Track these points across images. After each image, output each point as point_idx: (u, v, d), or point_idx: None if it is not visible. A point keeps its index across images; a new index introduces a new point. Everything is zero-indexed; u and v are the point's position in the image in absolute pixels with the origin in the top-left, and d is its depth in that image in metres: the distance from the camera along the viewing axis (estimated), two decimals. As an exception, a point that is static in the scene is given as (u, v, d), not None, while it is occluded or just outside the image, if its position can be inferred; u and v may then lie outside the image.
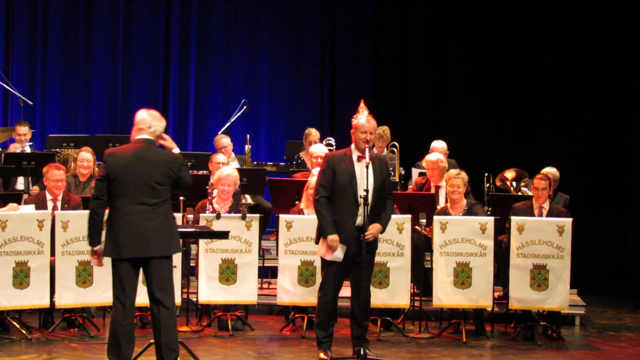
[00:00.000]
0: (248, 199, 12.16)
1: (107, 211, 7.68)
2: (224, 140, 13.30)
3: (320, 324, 8.86)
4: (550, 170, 11.61)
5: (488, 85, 15.31)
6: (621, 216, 14.06)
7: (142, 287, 7.86)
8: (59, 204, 10.33)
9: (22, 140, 13.10)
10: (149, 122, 7.78)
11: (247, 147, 13.69)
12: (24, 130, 13.13)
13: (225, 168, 10.94)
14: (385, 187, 8.80)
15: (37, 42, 16.35)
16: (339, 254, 8.62)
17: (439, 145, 12.69)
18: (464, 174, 10.65)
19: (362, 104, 8.94)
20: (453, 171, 10.72)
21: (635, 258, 13.82)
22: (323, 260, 8.84)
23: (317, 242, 8.85)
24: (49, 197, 10.39)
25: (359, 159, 8.70)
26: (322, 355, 8.77)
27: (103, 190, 7.61)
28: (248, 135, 13.99)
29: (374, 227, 8.68)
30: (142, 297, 8.02)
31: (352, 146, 8.82)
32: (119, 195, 7.57)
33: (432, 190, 11.48)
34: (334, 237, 8.60)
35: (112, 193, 7.60)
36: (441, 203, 11.22)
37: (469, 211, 10.52)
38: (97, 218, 7.63)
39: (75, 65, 16.49)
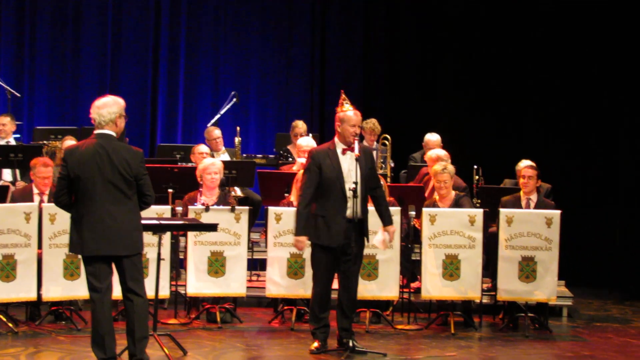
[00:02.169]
0: (237, 192, 12.15)
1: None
2: (216, 132, 13.31)
3: (311, 316, 8.96)
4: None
5: (478, 77, 15.32)
6: (608, 208, 14.08)
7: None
8: (45, 197, 10.29)
9: (2, 131, 13.01)
10: (93, 115, 7.64)
11: (237, 140, 13.68)
12: (4, 120, 13.06)
13: (207, 159, 10.97)
14: (372, 176, 8.81)
15: (24, 34, 16.26)
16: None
17: (434, 138, 12.68)
18: (450, 167, 10.64)
19: (343, 95, 8.90)
20: (439, 166, 10.69)
21: (622, 249, 13.84)
22: (312, 253, 8.86)
23: (296, 234, 8.83)
24: (35, 190, 10.35)
25: (344, 151, 8.70)
26: (314, 344, 8.84)
27: (64, 189, 7.55)
28: (238, 128, 13.97)
29: (391, 230, 8.89)
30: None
31: (336, 139, 8.81)
32: (82, 193, 7.48)
33: (431, 184, 11.45)
34: (301, 239, 8.76)
35: (76, 191, 7.51)
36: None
37: (456, 203, 10.53)
38: (68, 208, 7.62)
39: (64, 57, 16.42)
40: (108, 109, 7.62)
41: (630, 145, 14.11)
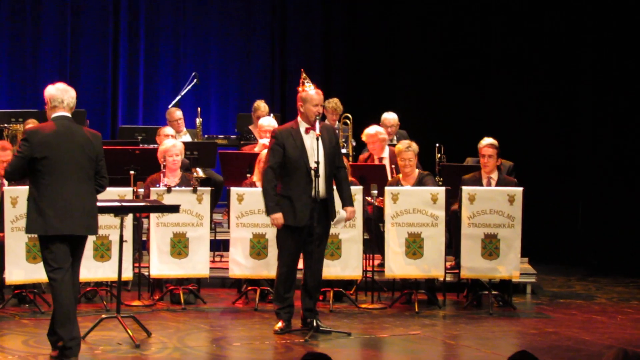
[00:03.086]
0: (199, 173, 12.12)
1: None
2: (177, 113, 13.25)
3: (275, 295, 8.96)
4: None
5: (439, 55, 15.34)
6: (571, 184, 14.15)
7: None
8: (6, 181, 10.18)
9: None
10: (59, 97, 7.63)
11: (198, 121, 13.61)
12: None
13: (168, 140, 10.93)
14: (337, 155, 8.80)
15: (-17, 17, 16.12)
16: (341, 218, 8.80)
17: (390, 116, 12.66)
18: (414, 146, 10.64)
19: (303, 75, 8.89)
20: (403, 144, 10.69)
21: (585, 226, 13.93)
22: (277, 233, 8.85)
23: (269, 213, 8.76)
24: (-5, 173, 10.27)
25: (307, 130, 8.69)
26: (278, 324, 8.84)
27: (20, 169, 7.51)
28: (199, 109, 13.91)
29: (349, 212, 8.82)
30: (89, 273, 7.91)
31: (299, 118, 8.80)
32: (47, 172, 7.44)
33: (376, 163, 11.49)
34: (277, 216, 8.64)
35: (39, 171, 7.46)
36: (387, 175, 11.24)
37: (420, 182, 10.54)
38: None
39: (23, 39, 16.24)
40: (73, 93, 7.70)
41: (592, 121, 14.16)
